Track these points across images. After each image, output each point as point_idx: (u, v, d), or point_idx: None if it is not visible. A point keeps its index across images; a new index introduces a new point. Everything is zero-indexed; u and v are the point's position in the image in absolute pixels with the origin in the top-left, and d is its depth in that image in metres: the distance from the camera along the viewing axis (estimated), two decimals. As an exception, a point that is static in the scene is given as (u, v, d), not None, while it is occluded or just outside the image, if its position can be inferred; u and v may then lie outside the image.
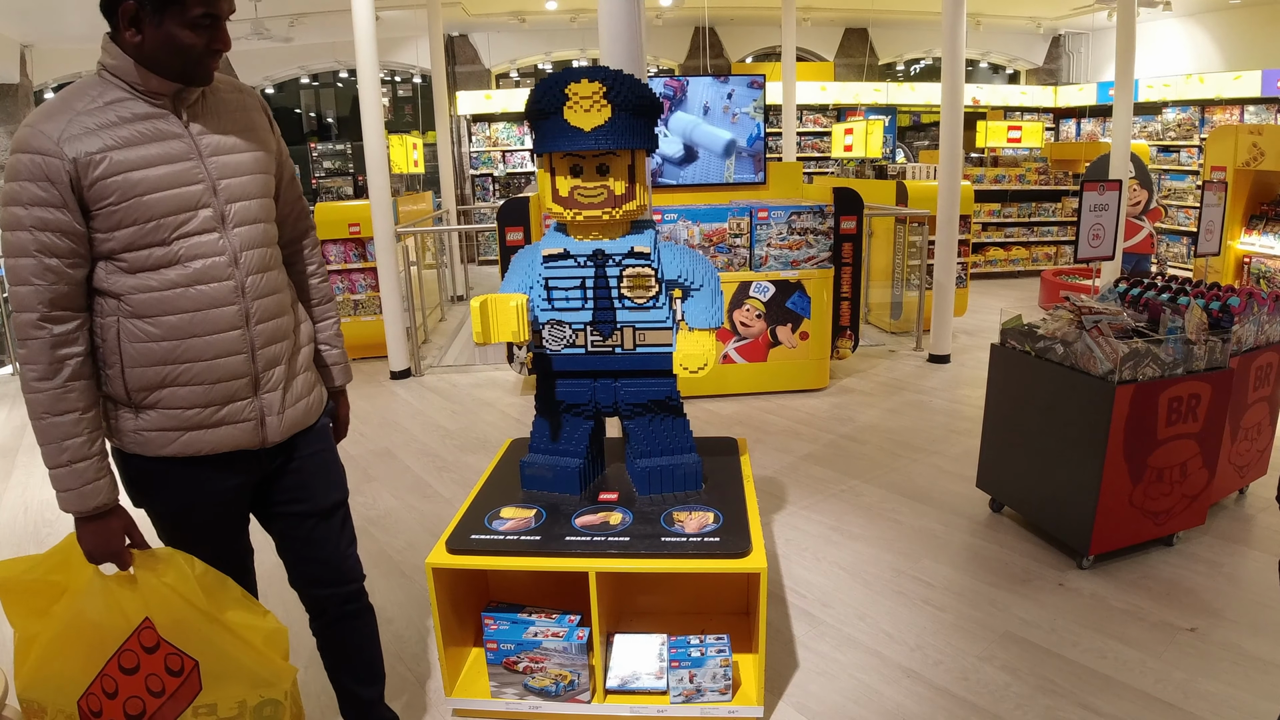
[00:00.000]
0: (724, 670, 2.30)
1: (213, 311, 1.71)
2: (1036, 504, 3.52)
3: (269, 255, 1.83)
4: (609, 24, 3.30)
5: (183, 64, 1.62)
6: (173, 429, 1.74)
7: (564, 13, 11.54)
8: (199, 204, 1.68)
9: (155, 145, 1.64)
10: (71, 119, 1.58)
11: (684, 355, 2.32)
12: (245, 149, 1.79)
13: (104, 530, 1.70)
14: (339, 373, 2.14)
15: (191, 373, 1.72)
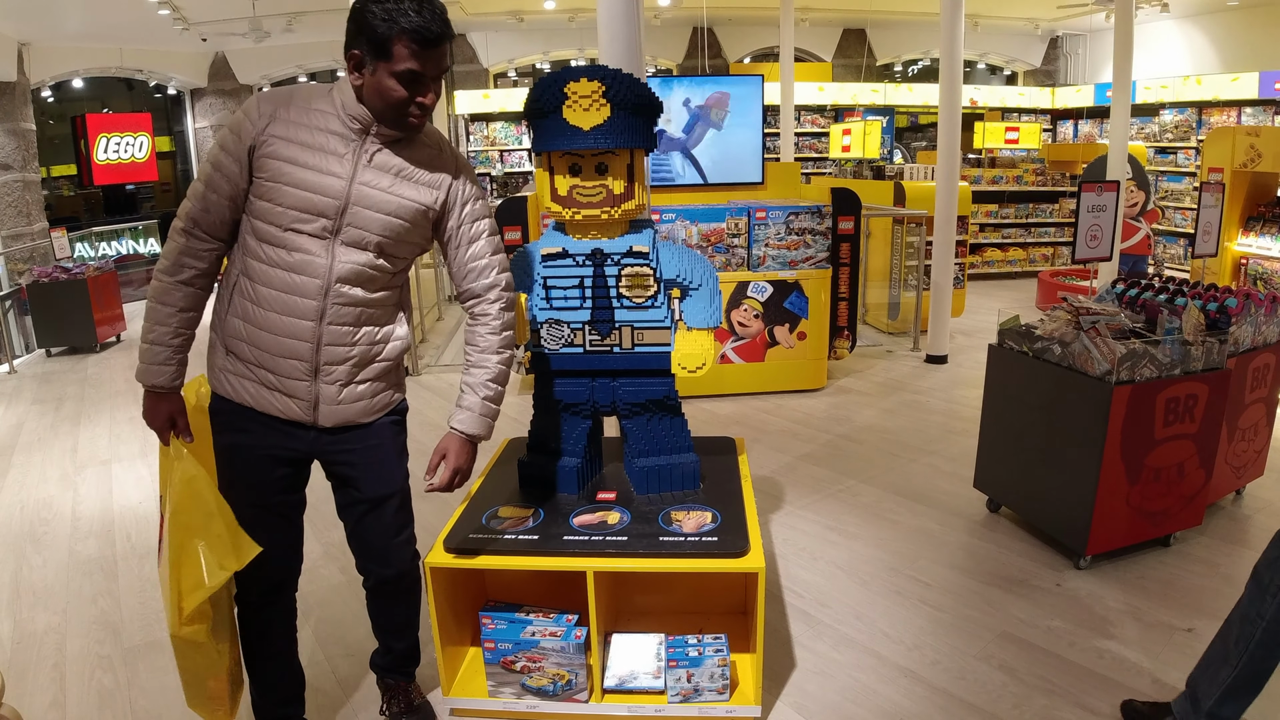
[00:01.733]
0: (721, 670, 2.31)
1: (295, 299, 1.92)
2: (1034, 504, 3.53)
3: (372, 278, 1.99)
4: (607, 23, 3.30)
5: (386, 109, 1.87)
6: (244, 377, 2.01)
7: (562, 12, 11.54)
8: (321, 213, 1.90)
9: (317, 155, 1.89)
10: (286, 105, 1.91)
11: (682, 355, 2.32)
12: (397, 195, 1.96)
13: (154, 406, 2.01)
14: (467, 417, 2.13)
15: (264, 341, 1.95)
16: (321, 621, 3.09)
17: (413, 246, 2.07)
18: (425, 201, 2.01)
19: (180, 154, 13.19)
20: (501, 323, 2.14)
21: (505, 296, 2.15)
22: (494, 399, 2.16)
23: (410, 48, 1.80)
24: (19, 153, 9.62)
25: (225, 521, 1.95)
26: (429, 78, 1.87)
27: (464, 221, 2.08)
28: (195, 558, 1.92)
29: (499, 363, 2.15)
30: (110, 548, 3.80)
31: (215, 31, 10.82)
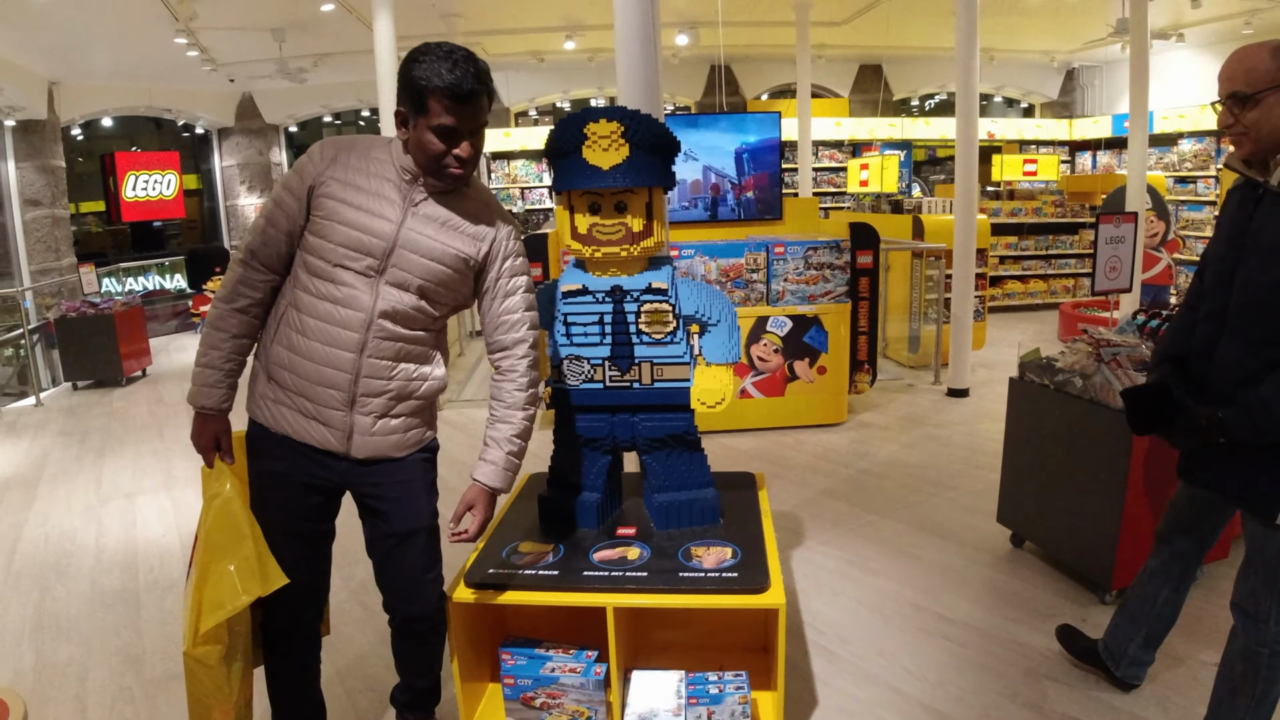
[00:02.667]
0: (742, 707, 2.29)
1: (339, 330, 2.02)
2: (1058, 538, 3.49)
3: (411, 317, 2.07)
4: (626, 63, 3.36)
5: (426, 161, 1.98)
6: (284, 404, 2.09)
7: (581, 52, 11.71)
8: (369, 253, 2.00)
9: (371, 199, 2.01)
10: (348, 151, 2.05)
11: (701, 390, 2.33)
12: (441, 242, 2.06)
13: (202, 427, 2.10)
14: (490, 470, 2.18)
15: (305, 369, 2.04)
16: (342, 655, 3.09)
17: (453, 293, 2.14)
18: (468, 252, 2.10)
19: (207, 191, 13.42)
20: (528, 379, 2.21)
21: (534, 355, 2.23)
22: (517, 454, 2.21)
23: (444, 103, 1.90)
24: (49, 189, 9.82)
25: (257, 547, 1.99)
26: (464, 131, 1.95)
27: (503, 275, 2.17)
28: (221, 578, 1.96)
29: (524, 419, 2.22)
30: (133, 580, 3.83)
31: (242, 73, 11.05)
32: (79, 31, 8.42)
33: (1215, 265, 2.17)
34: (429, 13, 9.00)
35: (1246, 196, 2.10)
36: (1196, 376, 2.21)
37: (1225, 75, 2.03)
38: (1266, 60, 1.96)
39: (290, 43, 9.61)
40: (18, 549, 4.27)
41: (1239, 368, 2.04)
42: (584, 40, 10.97)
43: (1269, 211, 2.00)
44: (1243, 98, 1.98)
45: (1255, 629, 2.15)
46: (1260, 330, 2.01)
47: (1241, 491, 2.12)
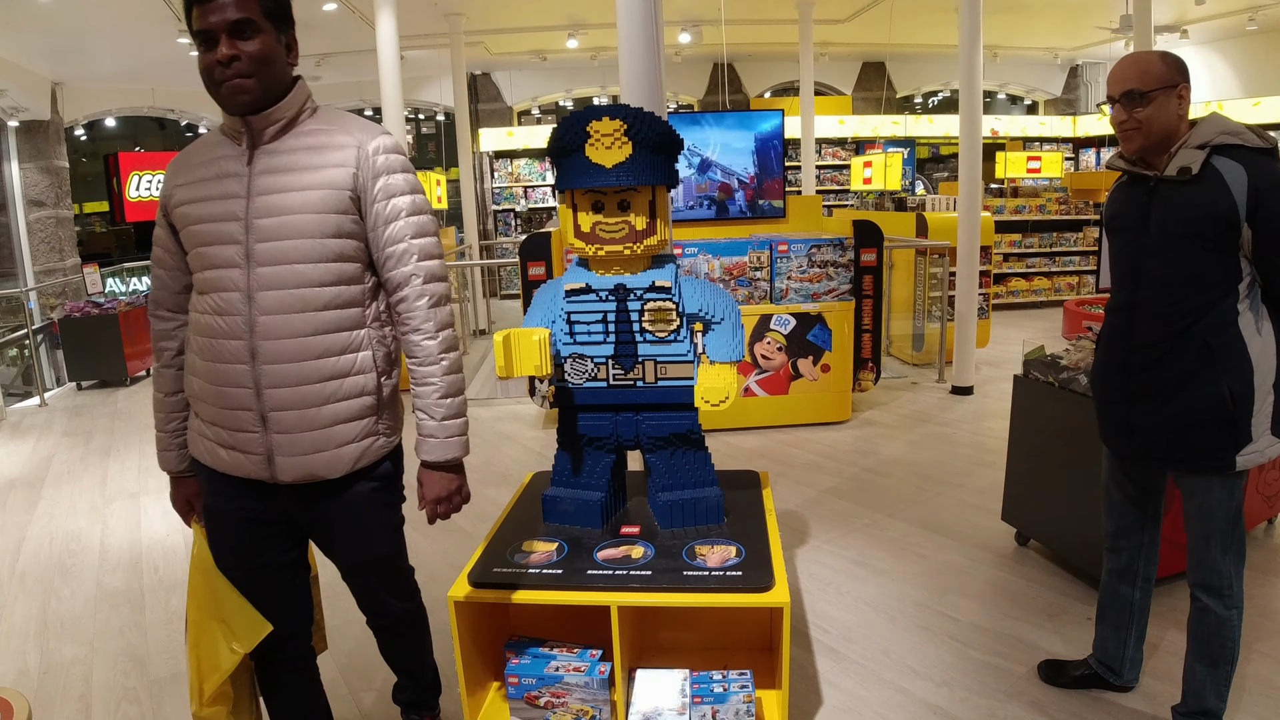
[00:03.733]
0: (747, 706, 2.28)
1: (225, 342, 1.78)
2: (1063, 537, 3.48)
3: (298, 297, 1.77)
4: (629, 62, 3.35)
5: (212, 89, 1.73)
6: (204, 436, 1.90)
7: (584, 51, 11.71)
8: (227, 239, 1.76)
9: (213, 184, 1.78)
10: (187, 154, 1.87)
11: (705, 389, 2.32)
12: (298, 187, 1.76)
13: (173, 491, 2.05)
14: (431, 446, 1.93)
15: (210, 393, 1.83)
16: (345, 655, 3.09)
17: (350, 244, 1.83)
18: (335, 182, 1.79)
19: (210, 192, 13.42)
20: (434, 323, 1.89)
21: (431, 290, 1.89)
22: (453, 414, 1.94)
23: (196, 10, 1.68)
24: (52, 190, 9.84)
25: (234, 603, 1.95)
26: (217, 29, 1.67)
27: (377, 198, 1.84)
28: (212, 639, 1.94)
29: (445, 371, 1.92)
30: (138, 580, 3.83)
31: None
32: (82, 32, 8.44)
33: (1117, 263, 2.34)
34: (431, 11, 9.01)
35: (1136, 191, 2.27)
36: (1116, 366, 2.36)
37: (1118, 78, 2.19)
38: (1159, 64, 2.16)
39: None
40: (22, 549, 4.28)
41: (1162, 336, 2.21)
42: (586, 39, 10.97)
43: (1170, 202, 2.17)
44: (1138, 94, 2.15)
45: (1223, 601, 2.28)
46: (1173, 304, 2.18)
47: (1200, 454, 2.21)
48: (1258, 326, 2.16)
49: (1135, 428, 2.32)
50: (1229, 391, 2.13)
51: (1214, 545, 2.27)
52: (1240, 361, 2.13)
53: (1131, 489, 2.52)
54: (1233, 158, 2.09)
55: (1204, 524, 2.27)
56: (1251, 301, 2.16)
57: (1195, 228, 2.12)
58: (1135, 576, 2.59)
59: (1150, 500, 2.51)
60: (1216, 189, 2.09)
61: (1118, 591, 2.62)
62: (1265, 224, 2.06)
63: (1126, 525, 2.55)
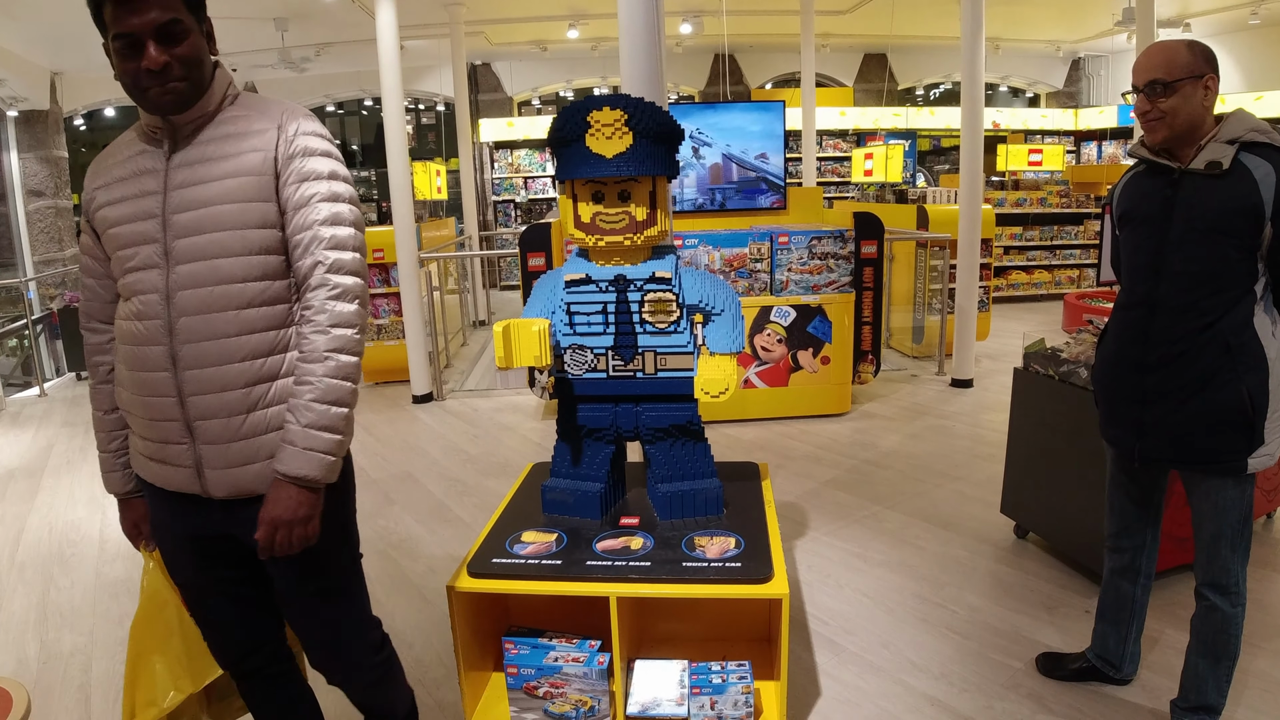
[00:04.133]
0: (745, 697, 2.29)
1: (146, 349, 1.66)
2: (1062, 530, 3.49)
3: (219, 295, 1.64)
4: (629, 52, 3.34)
5: (130, 93, 1.61)
6: (139, 452, 1.79)
7: (585, 41, 11.67)
8: (146, 238, 1.65)
9: (130, 183, 1.68)
10: (106, 154, 1.76)
11: (705, 380, 2.32)
12: (216, 176, 1.64)
13: (121, 514, 1.95)
14: (284, 454, 1.64)
15: (138, 405, 1.72)
16: (345, 646, 3.09)
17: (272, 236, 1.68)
18: (254, 167, 1.66)
19: (209, 182, 13.41)
20: (329, 317, 1.67)
21: (334, 282, 1.68)
22: (325, 425, 1.65)
23: (110, 8, 1.54)
24: (51, 180, 9.81)
25: (186, 641, 1.85)
26: (144, 34, 1.54)
27: (290, 180, 1.68)
28: (151, 675, 1.85)
29: (328, 373, 1.65)
30: (137, 570, 3.81)
31: (245, 62, 11.03)
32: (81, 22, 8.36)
33: (1134, 257, 2.30)
34: (431, 1, 8.97)
35: (1157, 183, 2.23)
36: (1130, 364, 2.31)
37: (1144, 67, 2.16)
38: (1185, 53, 2.12)
39: (292, 32, 9.57)
40: (22, 539, 4.28)
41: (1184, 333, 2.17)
42: (587, 29, 10.93)
43: (1195, 194, 2.14)
44: (1163, 84, 2.12)
45: (1229, 599, 2.30)
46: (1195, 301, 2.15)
47: (1218, 456, 2.19)
48: (1273, 329, 2.15)
49: (1148, 428, 2.29)
50: (1247, 392, 2.11)
51: (1224, 545, 2.26)
52: (1258, 363, 2.12)
53: (1135, 489, 2.51)
54: (1261, 155, 2.06)
55: (1215, 523, 2.26)
56: (1265, 303, 2.15)
57: (1223, 224, 2.09)
58: (1137, 574, 2.59)
59: (1153, 500, 2.51)
60: (1245, 185, 2.06)
61: (1119, 589, 2.63)
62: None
63: (1129, 525, 2.55)
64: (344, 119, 14.47)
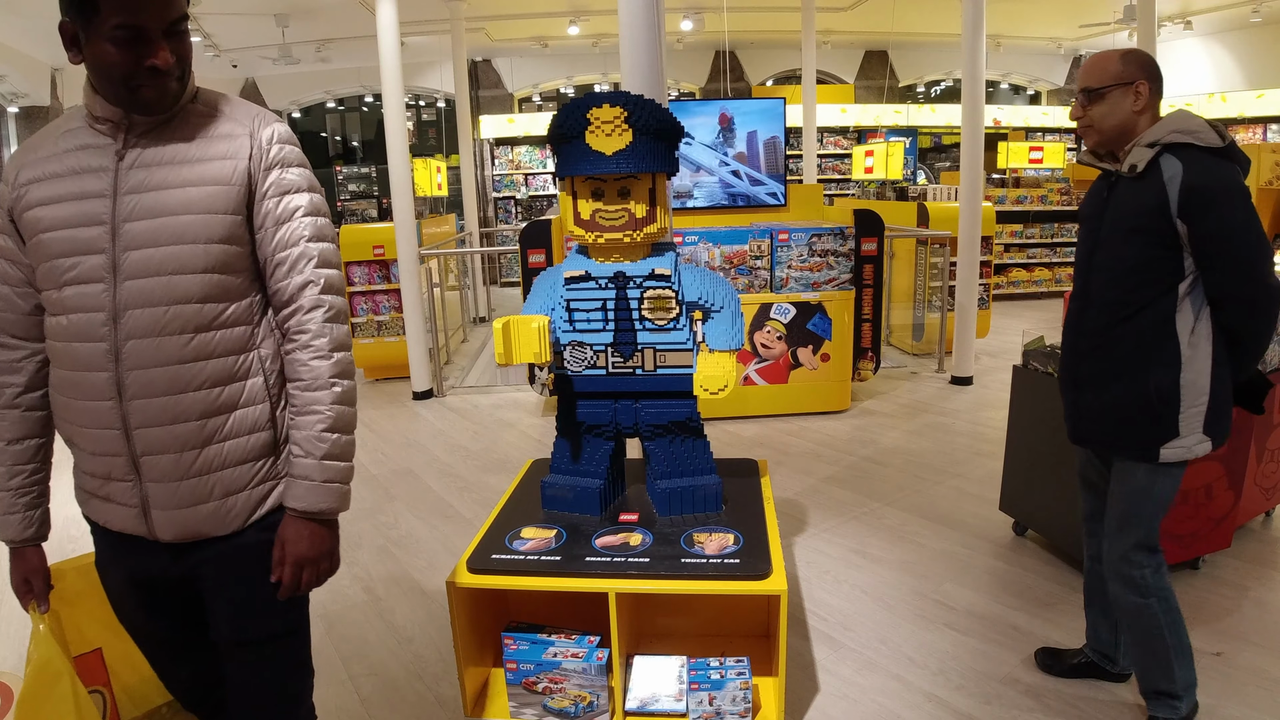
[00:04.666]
0: (744, 693, 2.29)
1: (85, 374, 1.48)
2: (1060, 527, 3.49)
3: (173, 316, 1.47)
4: (630, 49, 3.34)
5: (112, 86, 1.42)
6: (83, 489, 1.62)
7: (586, 38, 11.66)
8: (91, 248, 1.44)
9: (71, 180, 1.46)
10: (37, 144, 1.55)
11: (704, 377, 2.32)
12: (185, 184, 1.47)
13: (12, 565, 1.67)
14: (302, 491, 1.56)
15: (78, 436, 1.54)
16: (344, 640, 3.10)
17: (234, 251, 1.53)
18: (224, 176, 1.50)
19: (210, 178, 13.41)
20: (329, 341, 1.57)
21: (329, 303, 1.58)
22: (338, 454, 1.58)
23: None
24: (53, 177, 9.82)
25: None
26: (155, 31, 1.40)
27: (269, 194, 1.55)
28: None
29: (335, 400, 1.57)
30: (139, 567, 3.84)
31: (246, 58, 11.03)
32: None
33: (1077, 253, 2.46)
34: (432, -2, 8.98)
35: (1099, 186, 2.37)
36: (1068, 351, 2.46)
37: (1080, 74, 2.29)
38: (1116, 62, 2.21)
39: (293, 28, 9.57)
40: (23, 534, 4.29)
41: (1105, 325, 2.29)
42: (588, 25, 10.92)
43: (1122, 197, 2.24)
44: (1092, 92, 2.24)
45: (1136, 587, 2.36)
46: (1116, 296, 2.26)
47: (1127, 441, 2.30)
48: (1194, 326, 2.19)
49: (1081, 412, 2.41)
50: (1154, 386, 2.20)
51: (1127, 531, 2.35)
52: (1171, 359, 2.19)
53: (1094, 473, 2.60)
54: (1178, 156, 2.11)
55: (1121, 506, 2.36)
56: (1192, 300, 2.19)
57: (1140, 223, 2.18)
58: None
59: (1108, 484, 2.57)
60: (1155, 186, 2.13)
61: (1098, 573, 2.66)
62: (1196, 223, 2.09)
63: (1096, 508, 2.61)
64: (344, 115, 14.46)
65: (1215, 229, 2.09)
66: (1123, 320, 2.24)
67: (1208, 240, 2.10)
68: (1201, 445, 2.25)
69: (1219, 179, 2.09)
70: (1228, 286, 2.15)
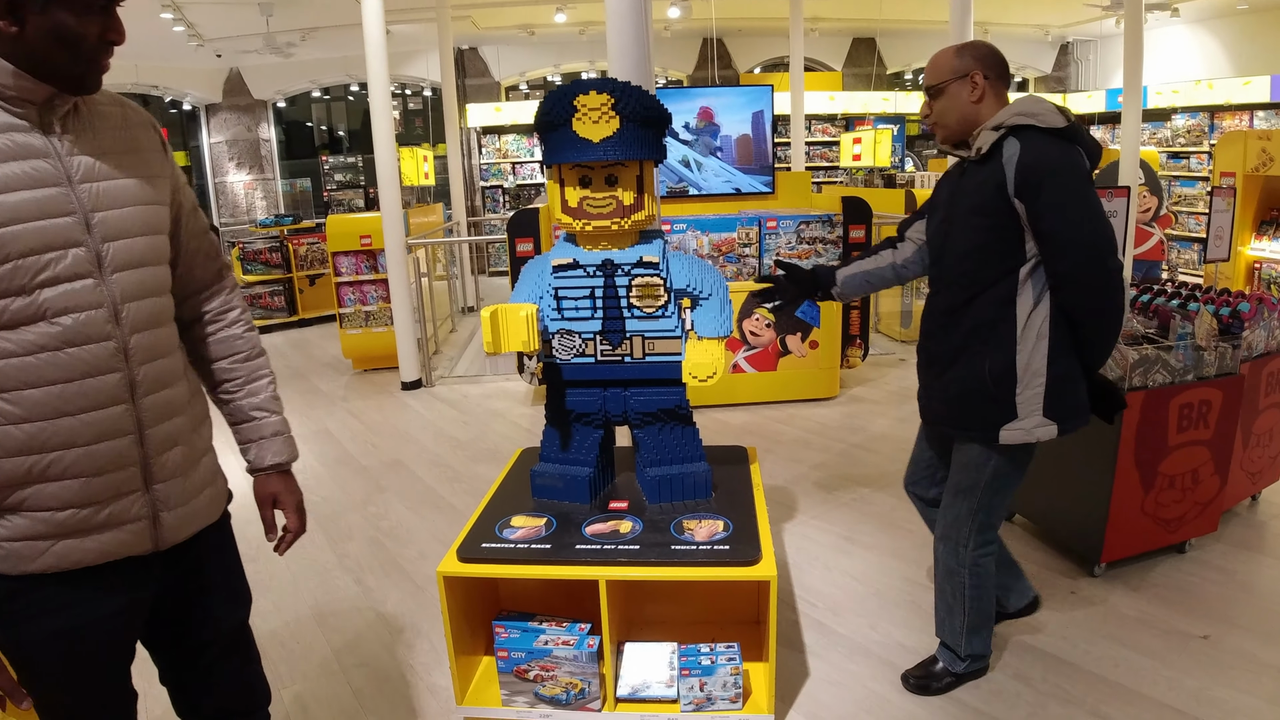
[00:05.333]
0: (734, 679, 2.31)
1: (90, 381, 1.34)
2: (1048, 512, 3.51)
3: (160, 308, 1.47)
4: (617, 36, 3.33)
5: (71, 60, 1.29)
6: (43, 537, 1.35)
7: (573, 25, 11.60)
8: (69, 240, 1.32)
9: (15, 164, 1.28)
10: None
11: (693, 364, 2.33)
12: (127, 174, 1.41)
13: None
14: (281, 446, 1.70)
15: (65, 463, 1.34)
16: (335, 631, 3.10)
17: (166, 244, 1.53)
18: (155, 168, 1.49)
19: (195, 169, 13.31)
20: (248, 313, 1.73)
21: (235, 281, 1.73)
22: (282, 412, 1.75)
23: None
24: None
25: None
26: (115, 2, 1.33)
27: (180, 183, 1.58)
28: None
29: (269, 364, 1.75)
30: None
31: (230, 48, 10.94)
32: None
33: (930, 239, 2.50)
34: (417, -15, 8.91)
35: (950, 174, 2.43)
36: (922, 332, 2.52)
37: (925, 72, 2.35)
38: (950, 58, 2.28)
39: (278, 17, 9.49)
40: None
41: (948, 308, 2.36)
42: (575, 13, 10.86)
43: (968, 180, 2.30)
44: (931, 89, 2.31)
45: (955, 552, 2.52)
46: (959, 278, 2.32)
47: (968, 420, 2.37)
48: (1033, 309, 2.22)
49: (929, 392, 2.49)
50: (988, 368, 2.26)
51: (960, 502, 2.46)
52: (1006, 341, 2.24)
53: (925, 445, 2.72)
54: (1019, 137, 2.16)
55: (957, 476, 2.46)
56: (1033, 284, 2.22)
57: (980, 205, 2.23)
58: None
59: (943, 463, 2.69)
60: (995, 166, 2.18)
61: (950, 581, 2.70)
62: (1030, 201, 2.13)
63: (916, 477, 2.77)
64: (330, 104, 14.37)
65: (1049, 207, 2.11)
66: (965, 302, 2.29)
67: (1042, 218, 2.13)
68: (1044, 429, 2.28)
69: (1055, 158, 2.12)
70: (1063, 266, 2.16)
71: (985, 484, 2.40)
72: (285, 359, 7.93)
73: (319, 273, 9.50)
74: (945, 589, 2.58)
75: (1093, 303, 2.20)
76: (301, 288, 9.49)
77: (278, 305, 9.33)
